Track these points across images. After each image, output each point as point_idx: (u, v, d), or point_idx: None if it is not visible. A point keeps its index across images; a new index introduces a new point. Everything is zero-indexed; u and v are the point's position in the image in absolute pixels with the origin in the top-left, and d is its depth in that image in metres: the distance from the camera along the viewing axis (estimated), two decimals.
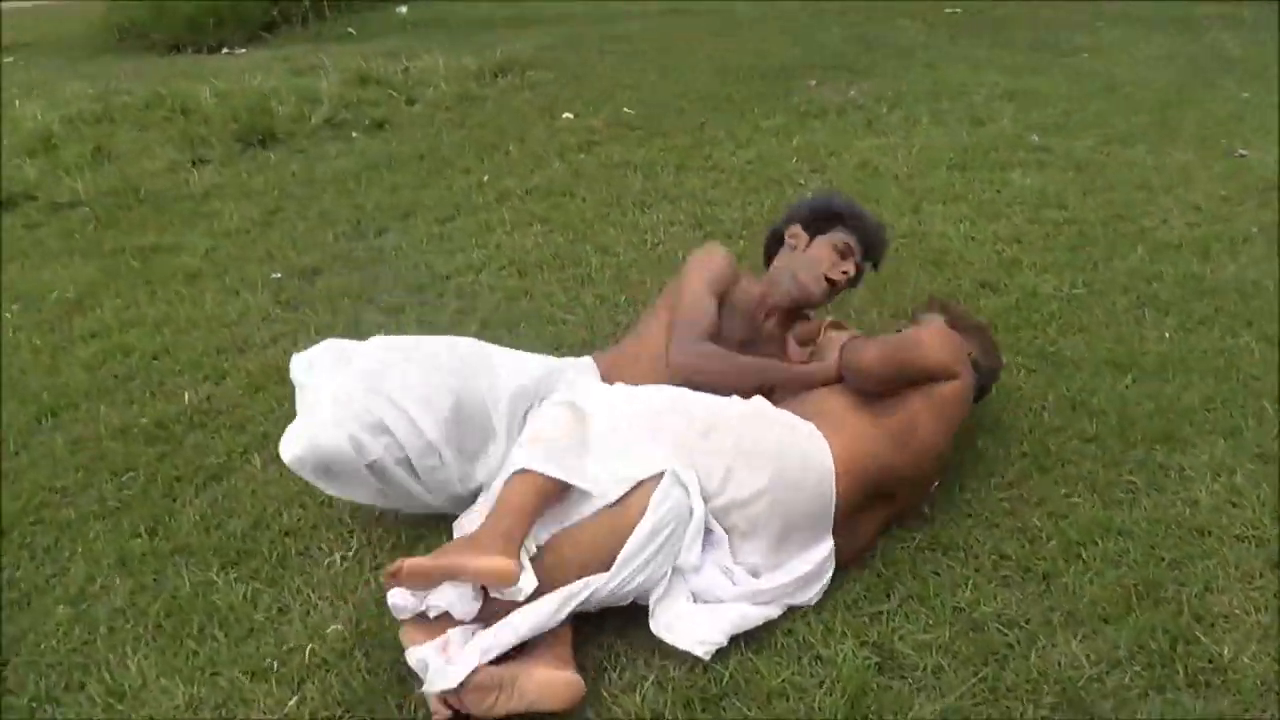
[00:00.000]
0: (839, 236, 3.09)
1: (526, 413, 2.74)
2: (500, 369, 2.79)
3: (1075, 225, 4.48)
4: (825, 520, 2.45)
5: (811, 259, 3.06)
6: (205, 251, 4.81)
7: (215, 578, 2.64)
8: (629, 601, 2.33)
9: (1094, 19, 9.17)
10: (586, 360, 3.04)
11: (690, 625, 2.29)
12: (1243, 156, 5.21)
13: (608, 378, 2.90)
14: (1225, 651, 2.27)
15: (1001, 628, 2.36)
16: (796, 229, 3.14)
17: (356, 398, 2.59)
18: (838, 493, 2.46)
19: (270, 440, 3.24)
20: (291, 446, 2.56)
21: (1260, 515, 2.67)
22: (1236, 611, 2.38)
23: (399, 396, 2.59)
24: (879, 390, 2.63)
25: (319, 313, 4.15)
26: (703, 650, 2.25)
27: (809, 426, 2.53)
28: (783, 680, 2.23)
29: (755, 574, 2.42)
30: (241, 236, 4.99)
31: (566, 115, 6.70)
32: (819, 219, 3.13)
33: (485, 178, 5.64)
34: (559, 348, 3.72)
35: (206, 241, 4.93)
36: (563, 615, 2.22)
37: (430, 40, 9.57)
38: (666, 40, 9.11)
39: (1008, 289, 3.97)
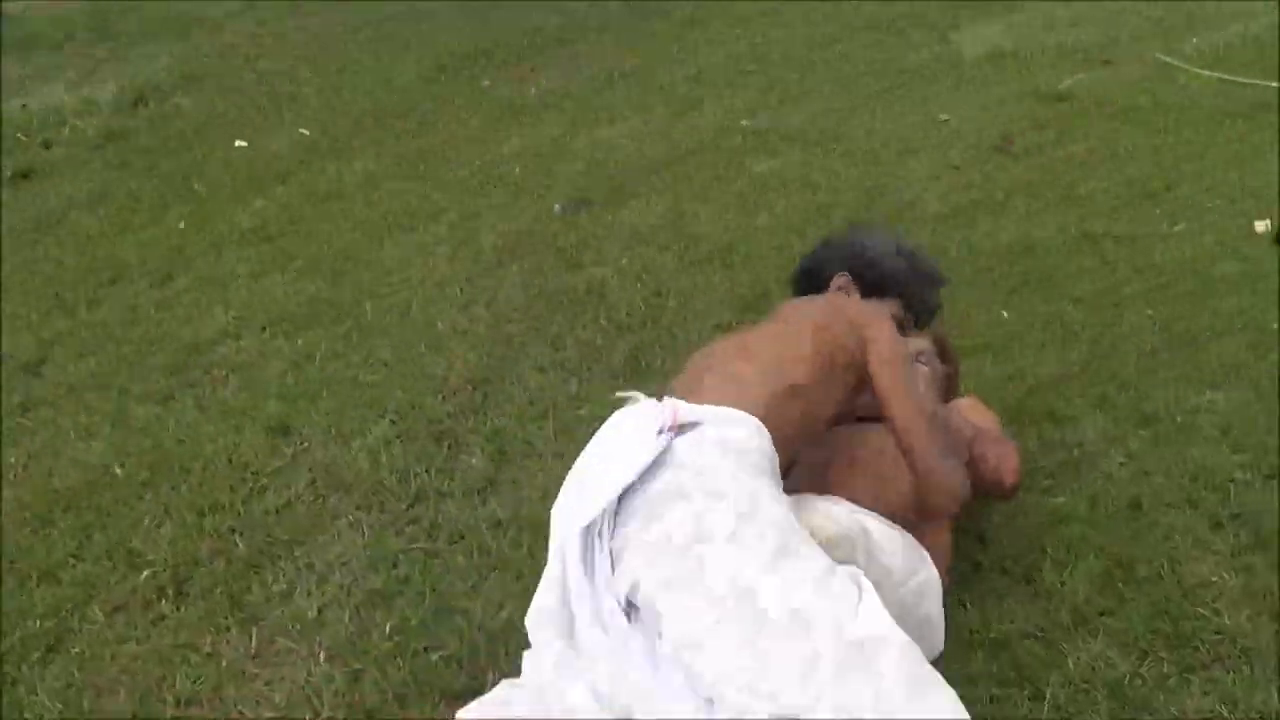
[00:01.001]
0: (894, 308, 2.60)
1: None
2: None
3: (839, 208, 4.54)
4: None
5: None
6: None
7: None
8: None
9: None
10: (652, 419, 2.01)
11: None
12: (945, 121, 5.48)
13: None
14: (1227, 620, 2.34)
15: (1025, 643, 2.32)
16: (846, 280, 2.62)
17: None
18: None
19: (98, 585, 2.73)
20: None
21: (1176, 480, 2.78)
22: (1212, 579, 2.45)
23: None
24: None
25: (68, 413, 3.55)
26: None
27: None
28: None
29: None
30: None
31: (240, 143, 6.14)
32: (877, 278, 2.64)
33: (182, 224, 5.05)
34: (384, 414, 3.38)
35: None
36: None
37: (20, 72, 8.50)
38: (299, 49, 8.53)
39: None
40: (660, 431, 1.94)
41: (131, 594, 2.69)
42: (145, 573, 2.74)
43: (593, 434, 3.03)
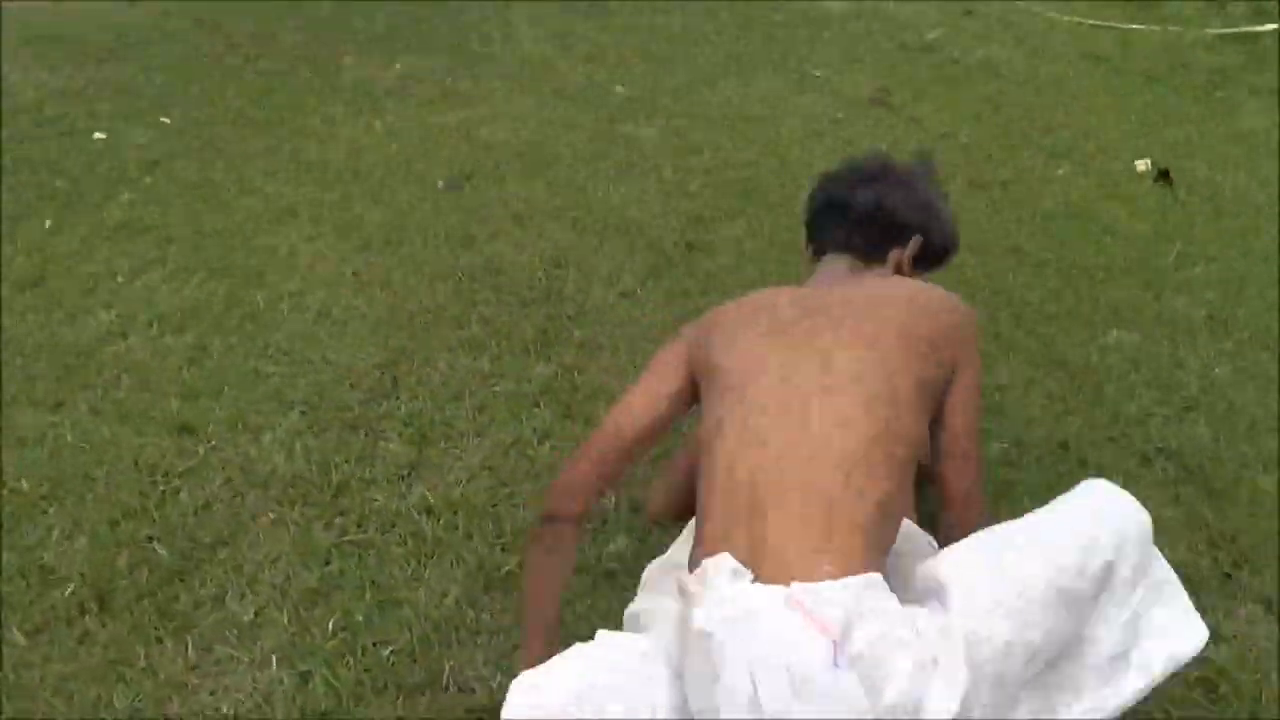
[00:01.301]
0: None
1: None
2: None
3: (726, 169, 4.56)
4: None
5: None
6: None
7: None
8: None
9: None
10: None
11: None
12: (818, 77, 5.53)
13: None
14: (1168, 553, 2.34)
15: None
16: (917, 249, 2.12)
17: None
18: None
19: (14, 607, 2.59)
20: None
21: (1097, 419, 2.87)
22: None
23: None
24: None
25: None
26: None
27: None
28: None
29: None
30: None
31: (98, 135, 5.86)
32: (939, 255, 2.23)
33: (48, 223, 4.81)
34: (292, 406, 3.28)
35: None
36: None
37: None
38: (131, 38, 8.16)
39: (715, 248, 3.96)
40: (837, 664, 1.41)
41: (52, 612, 2.55)
42: (64, 589, 2.61)
43: (513, 413, 2.97)
